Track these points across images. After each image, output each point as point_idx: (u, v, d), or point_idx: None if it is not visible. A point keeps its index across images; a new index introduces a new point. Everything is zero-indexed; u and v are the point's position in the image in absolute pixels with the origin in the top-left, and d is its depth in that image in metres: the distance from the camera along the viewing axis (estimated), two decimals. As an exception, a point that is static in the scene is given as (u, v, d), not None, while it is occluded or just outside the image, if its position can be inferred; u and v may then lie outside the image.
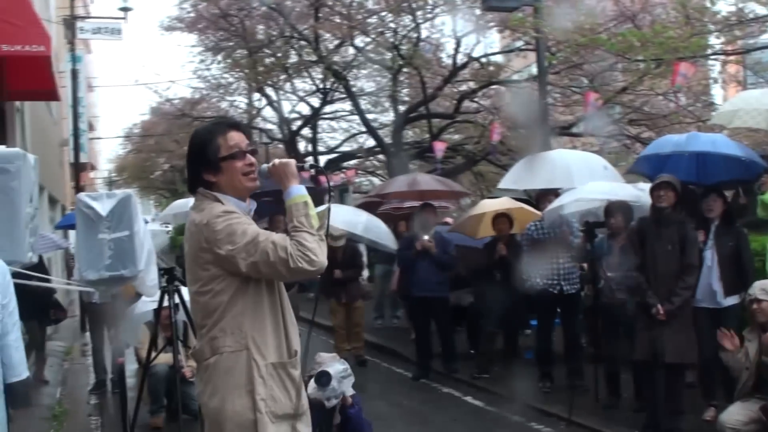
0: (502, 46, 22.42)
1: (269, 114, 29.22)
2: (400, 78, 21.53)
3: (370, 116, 25.29)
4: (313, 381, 6.22)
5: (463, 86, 21.48)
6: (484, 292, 10.86)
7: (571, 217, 9.75)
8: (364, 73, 24.19)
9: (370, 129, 23.64)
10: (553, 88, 19.20)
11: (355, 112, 24.07)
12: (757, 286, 6.79)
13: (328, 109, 27.20)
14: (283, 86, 25.69)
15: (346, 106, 26.59)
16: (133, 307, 9.15)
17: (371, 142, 25.91)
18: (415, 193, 13.53)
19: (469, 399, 10.00)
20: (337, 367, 6.31)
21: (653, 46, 13.42)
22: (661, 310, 7.33)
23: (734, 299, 7.78)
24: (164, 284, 6.86)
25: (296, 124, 27.66)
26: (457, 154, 22.87)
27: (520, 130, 14.90)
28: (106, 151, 61.48)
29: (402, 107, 22.69)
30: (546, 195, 10.25)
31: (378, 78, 23.85)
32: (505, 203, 11.47)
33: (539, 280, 9.61)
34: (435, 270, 11.04)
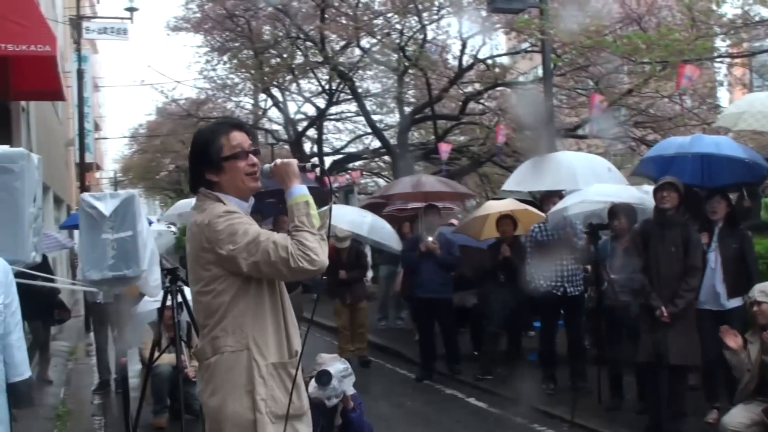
0: (508, 47, 22.44)
1: (275, 115, 29.36)
2: (406, 79, 21.54)
3: (376, 117, 25.34)
4: (313, 380, 6.23)
5: (469, 88, 21.48)
6: (488, 294, 10.87)
7: (575, 218, 9.76)
8: (370, 74, 24.25)
9: (376, 130, 23.65)
10: (559, 90, 19.24)
11: (361, 113, 24.08)
12: (757, 289, 6.79)
13: (334, 110, 27.27)
14: (288, 87, 25.73)
15: (352, 107, 26.65)
16: (135, 308, 9.16)
17: (377, 144, 25.94)
18: (420, 194, 13.51)
19: (473, 400, 9.99)
20: (338, 366, 6.32)
21: (659, 49, 13.43)
22: (665, 312, 7.32)
23: (738, 301, 7.74)
24: (167, 284, 6.87)
25: (302, 125, 27.70)
26: (462, 156, 22.86)
27: (526, 132, 14.86)
28: (112, 151, 61.75)
29: (407, 108, 22.72)
30: (550, 197, 10.25)
31: (384, 79, 23.90)
32: (509, 205, 11.46)
33: (543, 282, 9.61)
34: (439, 271, 11.04)
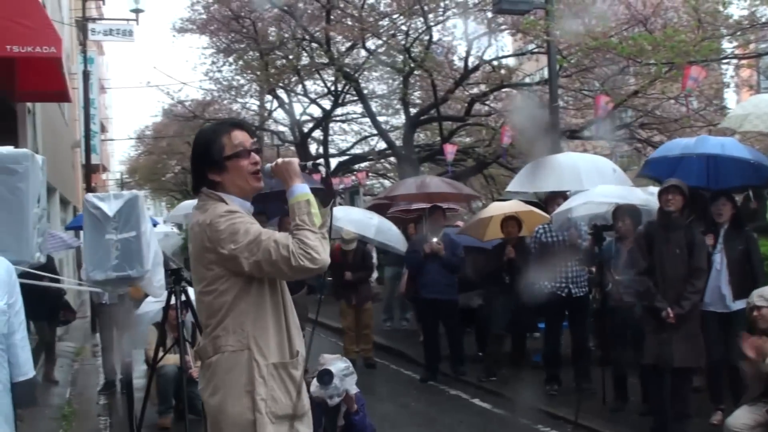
0: (514, 49, 22.42)
1: (281, 116, 29.36)
2: (412, 80, 21.54)
3: (381, 119, 25.36)
4: (315, 380, 6.24)
5: (475, 89, 21.48)
6: (493, 295, 10.86)
7: (580, 220, 9.74)
8: (376, 75, 24.26)
9: (381, 131, 23.67)
10: (565, 92, 19.22)
11: (367, 114, 24.10)
12: (755, 294, 6.78)
13: (340, 111, 27.32)
14: (294, 88, 25.77)
15: (358, 108, 26.69)
16: (138, 309, 9.19)
17: (382, 145, 25.96)
18: (424, 195, 13.52)
19: (477, 401, 9.99)
20: (339, 365, 6.33)
21: (664, 50, 13.40)
22: (671, 314, 7.31)
23: (743, 303, 7.70)
24: (171, 285, 6.89)
25: (307, 127, 27.73)
26: (467, 157, 22.87)
27: (530, 135, 14.85)
28: (119, 152, 61.60)
29: (413, 110, 22.70)
30: (555, 198, 10.24)
31: (389, 80, 23.91)
32: (514, 206, 11.45)
33: (547, 283, 9.60)
34: (444, 272, 11.03)
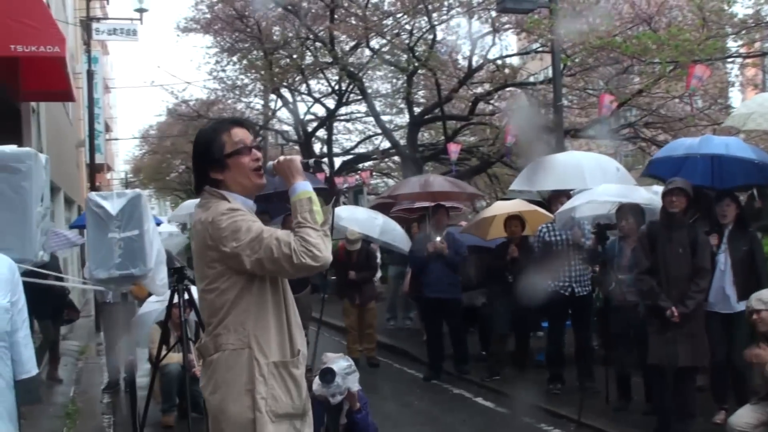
0: (519, 48, 22.41)
1: (285, 115, 29.36)
2: (415, 80, 21.53)
3: (385, 118, 25.36)
4: (317, 378, 6.25)
5: (479, 88, 21.46)
6: (496, 294, 10.85)
7: (583, 219, 9.72)
8: (380, 74, 24.26)
9: (385, 131, 23.66)
10: (569, 91, 19.21)
11: (371, 113, 24.09)
12: (753, 298, 6.77)
13: (344, 110, 27.33)
14: (298, 87, 25.77)
15: (362, 107, 26.69)
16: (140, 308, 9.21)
17: (386, 144, 25.96)
18: (427, 194, 13.51)
19: (480, 400, 10.00)
20: (341, 363, 6.34)
21: (669, 49, 13.39)
22: (676, 313, 7.29)
23: (747, 304, 7.73)
24: (174, 284, 6.90)
25: (312, 126, 27.73)
26: (472, 156, 22.85)
27: (529, 134, 14.83)
28: (123, 152, 61.97)
29: (417, 109, 22.70)
30: (558, 196, 10.23)
31: (393, 80, 23.92)
32: (517, 205, 11.44)
33: (551, 282, 9.59)
34: (447, 271, 11.03)
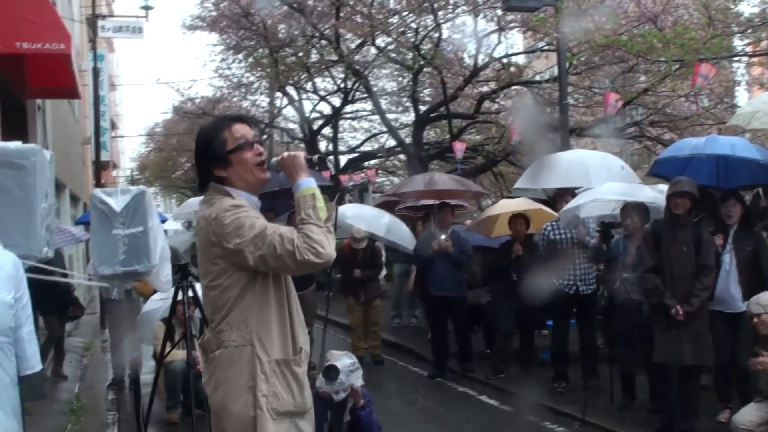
0: (524, 46, 22.37)
1: (290, 113, 29.37)
2: (421, 78, 21.51)
3: (391, 116, 25.35)
4: (321, 375, 6.25)
5: (484, 87, 21.45)
6: (501, 293, 10.85)
7: (588, 218, 9.71)
8: (385, 72, 24.25)
9: (391, 129, 23.65)
10: (575, 89, 19.18)
11: (376, 111, 24.08)
12: (752, 302, 6.76)
13: (349, 108, 27.32)
14: (304, 85, 25.76)
15: (367, 105, 26.70)
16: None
17: (392, 142, 25.95)
18: (433, 192, 13.50)
19: (484, 398, 9.99)
20: (345, 361, 6.33)
21: (675, 47, 13.35)
22: (681, 311, 7.28)
23: (751, 304, 7.70)
24: (178, 280, 6.91)
25: (317, 124, 27.73)
26: (477, 155, 22.83)
27: (533, 133, 14.82)
28: (129, 149, 62.01)
29: (422, 107, 22.69)
30: (563, 195, 10.20)
31: (399, 78, 23.91)
32: (522, 204, 11.43)
33: (555, 281, 9.58)
34: (452, 269, 11.03)
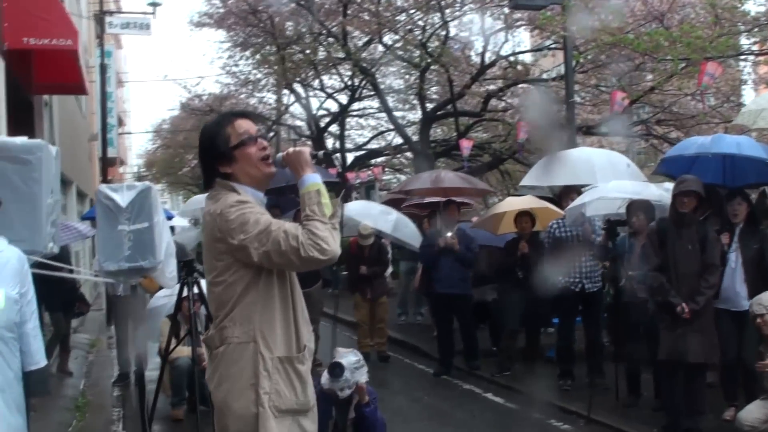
0: (531, 44, 22.33)
1: (297, 111, 29.37)
2: (428, 76, 21.49)
3: (398, 114, 25.33)
4: (326, 372, 6.26)
5: (491, 85, 21.42)
6: (506, 290, 10.84)
7: (594, 215, 9.69)
8: (392, 70, 24.22)
9: (398, 126, 23.64)
10: (581, 88, 19.15)
11: (383, 109, 24.07)
12: (754, 302, 6.77)
13: (356, 106, 27.32)
14: (311, 83, 25.78)
15: (374, 103, 26.66)
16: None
17: (399, 140, 25.92)
18: (439, 189, 13.50)
19: (490, 396, 10.00)
20: (350, 358, 6.34)
21: (681, 46, 13.34)
22: (686, 309, 7.27)
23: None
24: (184, 277, 6.91)
25: (324, 121, 27.73)
26: (484, 153, 22.79)
27: (541, 129, 14.80)
28: (136, 146, 62.07)
29: (429, 105, 22.67)
30: (569, 193, 10.18)
31: (406, 75, 23.88)
32: (528, 202, 11.42)
33: (561, 278, 9.58)
34: (458, 267, 11.03)
